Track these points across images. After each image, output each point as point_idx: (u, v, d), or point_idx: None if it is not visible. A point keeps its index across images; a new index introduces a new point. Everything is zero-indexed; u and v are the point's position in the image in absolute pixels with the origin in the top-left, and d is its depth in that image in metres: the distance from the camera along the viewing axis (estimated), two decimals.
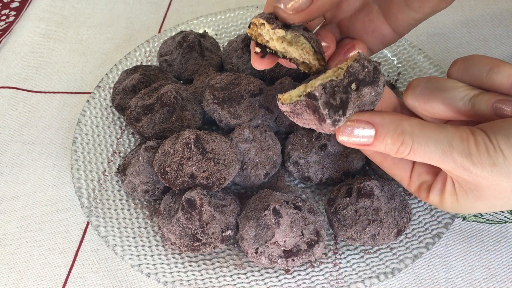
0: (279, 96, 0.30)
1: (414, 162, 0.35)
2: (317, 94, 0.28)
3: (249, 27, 0.33)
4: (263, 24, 0.32)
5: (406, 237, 0.41)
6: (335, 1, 0.32)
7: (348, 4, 0.39)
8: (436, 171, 0.34)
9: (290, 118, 0.31)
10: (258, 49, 0.34)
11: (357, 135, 0.30)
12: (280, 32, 0.32)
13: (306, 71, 0.33)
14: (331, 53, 0.37)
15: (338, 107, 0.28)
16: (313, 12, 0.32)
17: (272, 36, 0.32)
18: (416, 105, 0.33)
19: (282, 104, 0.30)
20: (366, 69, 0.28)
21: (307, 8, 0.31)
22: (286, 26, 0.33)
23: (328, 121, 0.29)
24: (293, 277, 0.40)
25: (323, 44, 0.35)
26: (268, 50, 0.34)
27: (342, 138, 0.31)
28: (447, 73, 0.33)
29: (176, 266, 0.41)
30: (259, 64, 0.34)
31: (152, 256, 0.41)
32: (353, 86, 0.28)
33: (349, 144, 0.31)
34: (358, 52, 0.29)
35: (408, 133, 0.29)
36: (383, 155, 0.35)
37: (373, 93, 0.29)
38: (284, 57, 0.34)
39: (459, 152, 0.28)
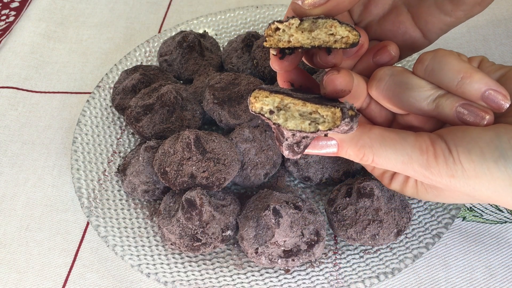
0: (252, 98, 0.29)
1: None
2: (285, 133, 0.29)
3: (265, 41, 0.32)
4: (277, 28, 0.31)
5: (406, 237, 0.41)
6: None
7: (376, 6, 0.37)
8: None
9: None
10: (274, 51, 0.32)
11: (320, 147, 0.31)
12: (294, 21, 0.30)
13: (343, 47, 0.30)
14: (363, 51, 0.35)
15: (299, 152, 0.30)
16: (332, 7, 0.30)
17: (290, 32, 0.31)
18: (379, 99, 0.33)
19: (252, 110, 0.30)
20: (340, 130, 0.28)
21: (325, 3, 0.30)
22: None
23: (285, 155, 0.30)
24: (293, 277, 0.40)
25: None
26: (287, 51, 0.32)
27: (308, 151, 0.31)
28: (413, 69, 0.32)
29: (176, 266, 0.41)
30: (278, 65, 0.33)
31: (152, 256, 0.41)
32: (322, 135, 0.30)
33: (314, 154, 0.32)
34: (341, 117, 0.28)
35: (369, 147, 0.30)
36: None
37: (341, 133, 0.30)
38: (313, 47, 0.31)
39: (418, 164, 0.29)
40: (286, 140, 0.29)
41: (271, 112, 0.29)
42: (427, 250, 0.40)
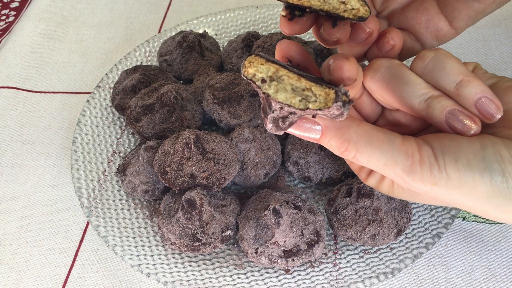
0: (247, 63, 0.28)
1: None
2: (273, 105, 0.28)
3: None
4: None
5: (406, 237, 0.41)
6: None
7: None
8: None
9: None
10: (283, 12, 0.32)
11: (304, 130, 0.30)
12: None
13: (351, 18, 0.30)
14: (373, 40, 0.33)
15: (282, 128, 0.29)
16: None
17: None
18: (373, 89, 0.32)
19: (244, 74, 0.29)
20: (329, 114, 0.27)
21: None
22: None
23: (268, 129, 0.29)
24: (293, 277, 0.40)
25: (366, 29, 0.33)
26: (297, 13, 0.31)
27: (291, 131, 0.30)
28: (411, 65, 0.32)
29: (176, 266, 0.41)
30: (287, 27, 0.32)
31: (152, 256, 0.41)
32: (310, 115, 0.28)
33: (296, 134, 0.30)
34: (334, 100, 0.26)
35: (353, 142, 0.29)
36: None
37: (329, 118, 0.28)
38: (322, 11, 0.30)
39: (402, 168, 0.28)
40: (273, 112, 0.28)
41: (263, 81, 0.28)
42: (427, 250, 0.40)
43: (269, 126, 0.29)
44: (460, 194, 0.28)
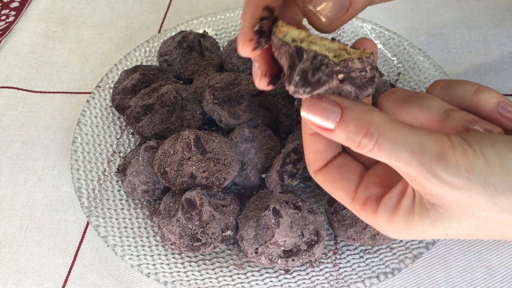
0: (280, 23, 0.28)
1: (363, 175, 0.31)
2: (304, 56, 0.26)
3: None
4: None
5: None
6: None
7: None
8: (390, 184, 0.29)
9: (273, 49, 0.28)
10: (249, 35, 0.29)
11: (321, 114, 0.27)
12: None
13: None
14: None
15: (309, 84, 0.26)
16: (347, 20, 0.31)
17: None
18: (389, 108, 0.31)
19: (274, 33, 0.28)
20: (363, 73, 0.26)
21: (341, 17, 0.30)
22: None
23: (292, 87, 0.26)
24: (293, 277, 0.40)
25: None
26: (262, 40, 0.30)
27: (304, 114, 0.27)
28: (427, 89, 0.33)
29: (176, 266, 0.41)
30: (248, 52, 0.30)
31: (152, 256, 0.41)
32: (340, 76, 0.26)
33: (309, 122, 0.28)
34: (372, 53, 0.26)
35: (376, 125, 0.26)
36: (328, 167, 0.31)
37: (353, 94, 0.27)
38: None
39: (431, 153, 0.25)
40: (303, 63, 0.26)
41: (293, 40, 0.27)
42: (427, 250, 0.40)
43: (296, 79, 0.26)
44: (506, 184, 0.24)
